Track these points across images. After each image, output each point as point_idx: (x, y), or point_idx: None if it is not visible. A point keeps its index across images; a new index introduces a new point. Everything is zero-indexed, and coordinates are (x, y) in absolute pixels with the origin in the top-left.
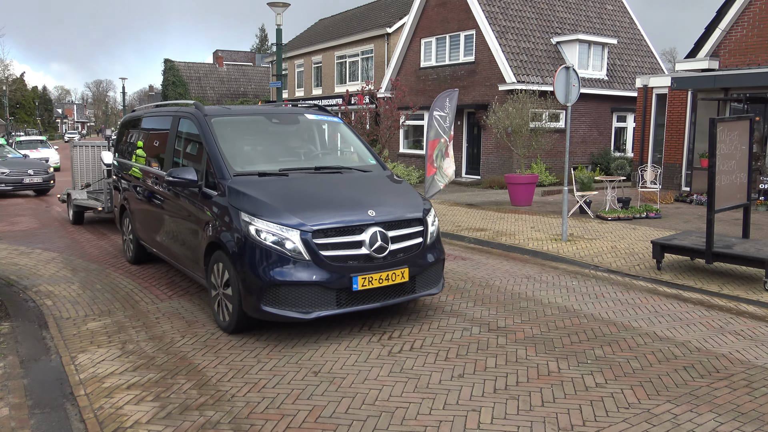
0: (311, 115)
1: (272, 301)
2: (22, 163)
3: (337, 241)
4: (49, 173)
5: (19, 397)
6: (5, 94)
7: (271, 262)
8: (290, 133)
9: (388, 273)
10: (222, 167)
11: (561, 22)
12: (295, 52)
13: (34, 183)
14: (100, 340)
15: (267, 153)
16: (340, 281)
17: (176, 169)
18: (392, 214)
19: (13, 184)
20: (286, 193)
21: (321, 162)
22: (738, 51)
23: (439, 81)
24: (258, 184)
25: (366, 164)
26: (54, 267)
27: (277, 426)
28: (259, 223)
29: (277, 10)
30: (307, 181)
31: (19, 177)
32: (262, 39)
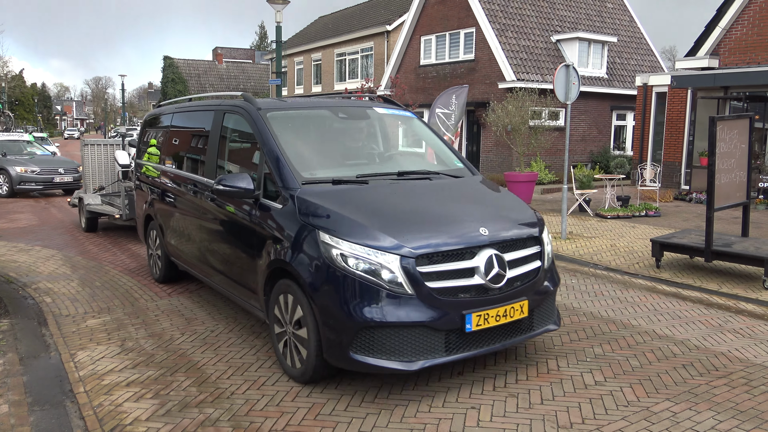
0: (381, 109)
1: (365, 347)
2: (52, 161)
3: (446, 269)
4: (79, 172)
5: (19, 395)
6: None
7: (364, 297)
8: (360, 130)
9: (506, 307)
10: (287, 173)
11: (561, 20)
12: (295, 49)
13: (64, 182)
14: (99, 337)
15: (335, 155)
16: (450, 320)
17: (228, 177)
18: (507, 231)
19: (43, 182)
20: (371, 206)
21: (402, 165)
22: (738, 49)
23: (439, 79)
24: (334, 194)
25: (453, 168)
26: (53, 264)
27: (276, 423)
28: (346, 246)
29: (277, 7)
30: (393, 190)
31: (49, 176)
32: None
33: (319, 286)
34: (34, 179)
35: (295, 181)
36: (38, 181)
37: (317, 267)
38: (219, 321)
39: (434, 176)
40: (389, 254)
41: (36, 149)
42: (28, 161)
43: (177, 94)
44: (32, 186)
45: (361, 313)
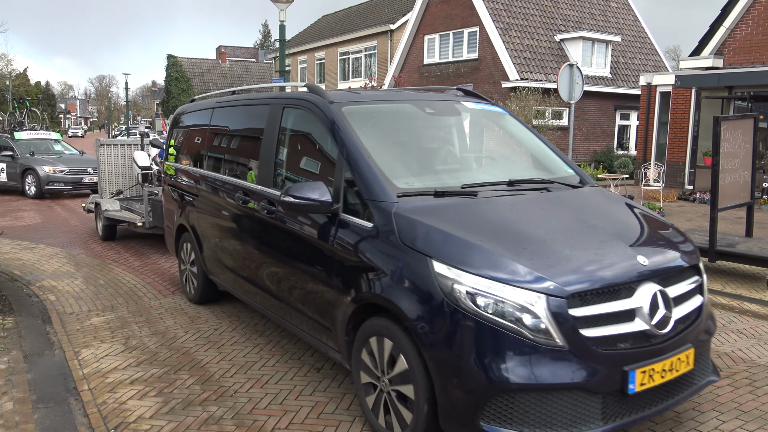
0: (471, 103)
1: (500, 415)
2: (81, 161)
3: (603, 311)
4: None
5: (23, 392)
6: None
7: (499, 349)
8: (450, 129)
9: (672, 359)
10: (377, 183)
11: (565, 20)
12: (298, 48)
13: (93, 182)
14: (103, 335)
15: (427, 159)
16: (609, 380)
17: (297, 187)
18: (667, 259)
19: (72, 183)
20: (493, 227)
21: (507, 171)
22: (742, 49)
23: (442, 78)
24: (442, 210)
25: (565, 175)
26: (57, 262)
27: (279, 422)
28: (470, 280)
29: (281, 6)
30: (510, 204)
31: (78, 176)
32: (265, 35)
33: (435, 332)
34: (62, 179)
35: (388, 193)
36: (67, 181)
37: (431, 306)
38: (222, 319)
39: (551, 186)
40: (531, 292)
41: (64, 148)
42: (56, 160)
43: (180, 93)
44: (61, 186)
45: (498, 370)
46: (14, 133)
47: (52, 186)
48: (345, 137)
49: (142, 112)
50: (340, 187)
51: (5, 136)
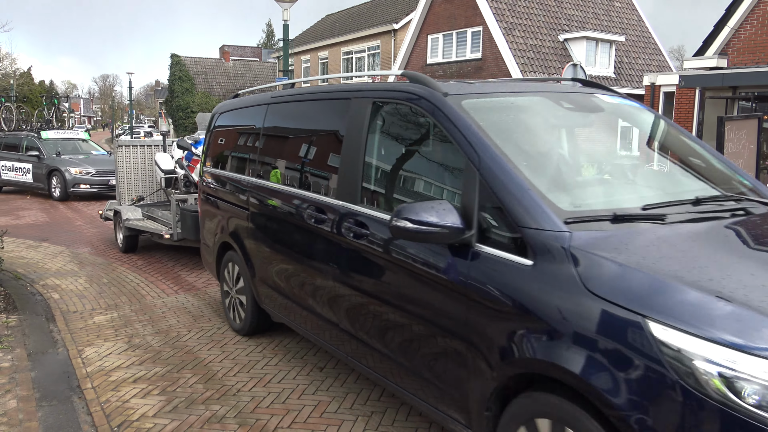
0: (607, 97)
1: None
2: (108, 162)
3: None
4: None
5: (27, 390)
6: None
7: None
8: (596, 128)
9: None
10: (532, 203)
11: (568, 19)
12: (302, 47)
13: None
14: (106, 333)
15: (580, 168)
16: None
17: (414, 208)
18: None
19: (99, 185)
20: (712, 267)
21: (680, 185)
22: (747, 49)
23: (446, 77)
24: (632, 242)
25: (747, 187)
26: (61, 261)
27: (282, 421)
28: (724, 356)
29: (285, 5)
30: (716, 232)
31: (105, 178)
32: (269, 34)
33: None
34: (88, 181)
35: (551, 218)
36: (93, 184)
37: (650, 389)
38: (225, 318)
39: (748, 204)
40: None
41: (92, 148)
42: (83, 161)
43: (183, 92)
44: (87, 189)
45: None
46: (41, 132)
47: (78, 188)
48: (474, 141)
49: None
50: (472, 209)
51: (32, 136)
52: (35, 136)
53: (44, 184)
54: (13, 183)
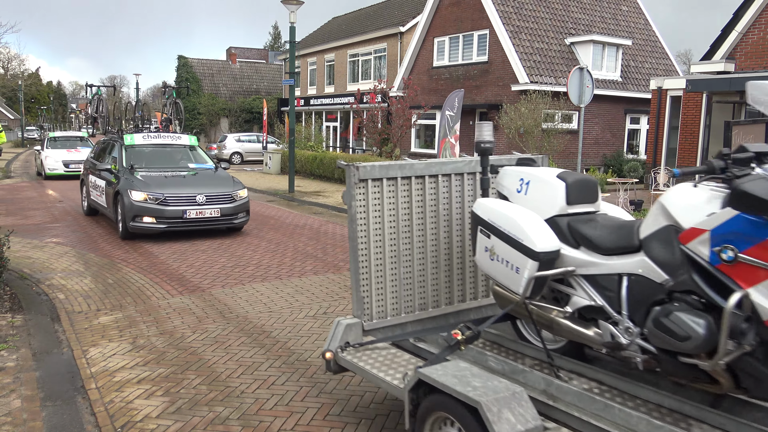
0: None
1: None
2: (198, 181)
3: None
4: (239, 199)
5: (31, 390)
6: (20, 88)
7: None
8: None
9: None
10: None
11: (575, 23)
12: (308, 50)
13: (205, 218)
14: (111, 334)
15: None
16: None
17: None
18: None
19: (167, 219)
20: None
21: None
22: (755, 53)
23: (452, 80)
24: None
25: None
26: (66, 261)
27: (285, 423)
28: None
29: (291, 7)
30: None
31: (178, 207)
32: (275, 36)
33: None
34: (155, 213)
35: None
36: (163, 217)
37: None
38: (230, 320)
39: None
40: None
41: (200, 159)
42: (164, 181)
43: (190, 94)
44: (151, 224)
45: None
46: (125, 135)
47: (140, 223)
48: None
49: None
50: None
51: (115, 140)
52: (117, 141)
53: (112, 212)
54: (97, 206)
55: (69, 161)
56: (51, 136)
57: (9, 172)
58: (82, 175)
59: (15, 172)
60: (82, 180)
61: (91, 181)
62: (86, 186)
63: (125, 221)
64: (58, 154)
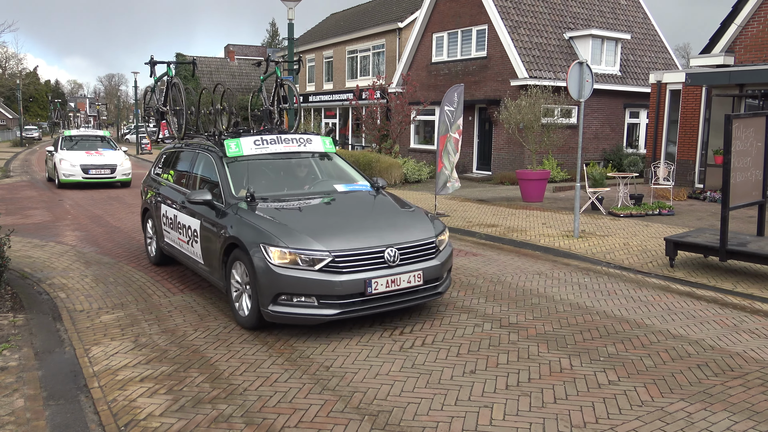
0: None
1: None
2: (363, 221)
3: None
4: (443, 249)
5: (34, 389)
6: (18, 87)
7: None
8: None
9: None
10: None
11: (574, 17)
12: (307, 46)
13: (401, 291)
14: (113, 332)
15: None
16: None
17: None
18: None
19: (347, 302)
20: None
21: None
22: (754, 47)
23: (451, 76)
24: None
25: None
26: (67, 260)
27: (289, 420)
28: None
29: (289, 4)
30: None
31: (362, 276)
32: (273, 34)
33: None
34: (314, 285)
35: None
36: (330, 296)
37: None
38: (232, 317)
39: None
40: None
41: (347, 179)
42: (308, 221)
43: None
44: (309, 309)
45: None
46: (225, 142)
47: (287, 306)
48: None
49: None
50: None
51: (210, 149)
52: (209, 150)
53: (218, 276)
54: (178, 255)
55: (89, 166)
56: (66, 134)
57: (8, 171)
58: (145, 202)
59: (14, 172)
60: (146, 210)
61: (166, 215)
62: (154, 220)
63: (258, 301)
64: (75, 157)
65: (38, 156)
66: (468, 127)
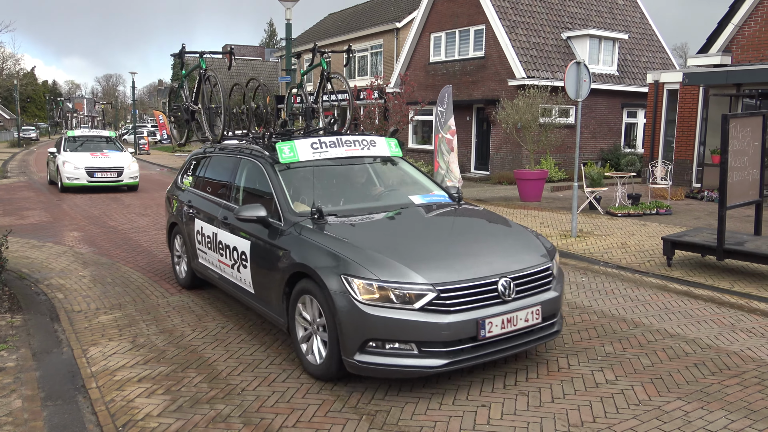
0: None
1: None
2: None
3: None
4: (557, 278)
5: (32, 390)
6: (16, 88)
7: None
8: None
9: None
10: None
11: (571, 17)
12: (304, 46)
13: (516, 333)
14: (111, 333)
15: None
16: None
17: None
18: None
19: (457, 349)
20: None
21: None
22: (751, 46)
23: (449, 76)
24: None
25: None
26: (65, 260)
27: (287, 420)
28: None
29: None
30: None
31: (473, 316)
32: (271, 34)
33: None
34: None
35: None
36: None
37: None
38: (229, 318)
39: None
40: None
41: (420, 188)
42: (395, 242)
43: None
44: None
45: None
46: (279, 146)
47: (379, 354)
48: None
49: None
50: None
51: (258, 156)
52: (263, 157)
53: (277, 310)
54: (217, 280)
55: (93, 169)
56: (70, 135)
57: (6, 172)
58: (172, 215)
59: (11, 172)
60: (173, 225)
61: (202, 232)
62: (185, 237)
63: (338, 347)
64: (79, 159)
65: (36, 156)
66: (466, 127)
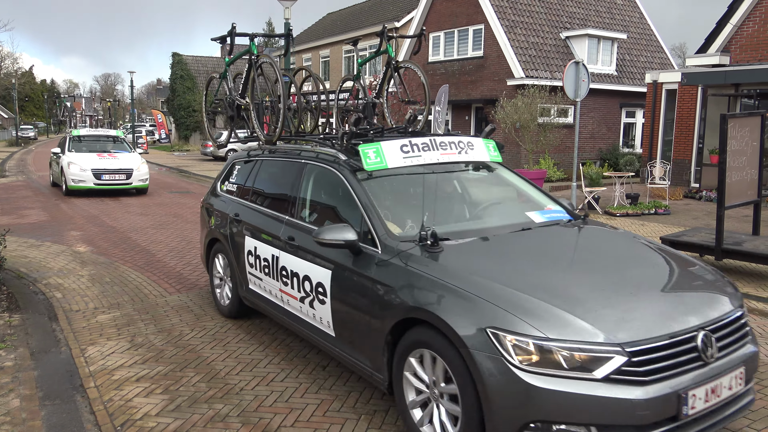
0: None
1: None
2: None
3: None
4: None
5: (30, 389)
6: (14, 87)
7: None
8: None
9: None
10: None
11: (570, 17)
12: (303, 46)
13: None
14: (109, 332)
15: None
16: None
17: None
18: None
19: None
20: None
21: None
22: (749, 46)
23: (448, 76)
24: None
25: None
26: (63, 260)
27: (285, 419)
28: None
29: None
30: None
31: (675, 390)
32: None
33: None
34: (586, 406)
35: None
36: (623, 426)
37: None
38: (228, 317)
39: None
40: None
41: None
42: (540, 280)
43: (185, 91)
44: None
45: None
46: (362, 149)
47: None
48: None
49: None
50: None
51: (331, 161)
52: (339, 163)
53: (374, 363)
54: (275, 313)
55: (101, 170)
56: (75, 134)
57: (4, 171)
58: (212, 230)
59: (10, 171)
60: (214, 241)
61: (256, 254)
62: (230, 257)
63: (483, 427)
64: (85, 161)
65: (34, 156)
66: (464, 126)
